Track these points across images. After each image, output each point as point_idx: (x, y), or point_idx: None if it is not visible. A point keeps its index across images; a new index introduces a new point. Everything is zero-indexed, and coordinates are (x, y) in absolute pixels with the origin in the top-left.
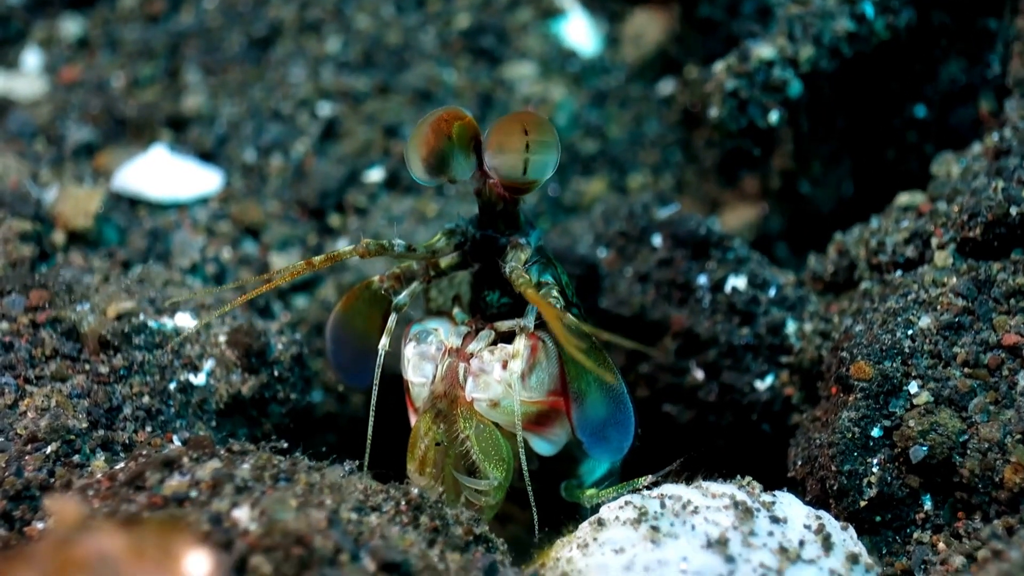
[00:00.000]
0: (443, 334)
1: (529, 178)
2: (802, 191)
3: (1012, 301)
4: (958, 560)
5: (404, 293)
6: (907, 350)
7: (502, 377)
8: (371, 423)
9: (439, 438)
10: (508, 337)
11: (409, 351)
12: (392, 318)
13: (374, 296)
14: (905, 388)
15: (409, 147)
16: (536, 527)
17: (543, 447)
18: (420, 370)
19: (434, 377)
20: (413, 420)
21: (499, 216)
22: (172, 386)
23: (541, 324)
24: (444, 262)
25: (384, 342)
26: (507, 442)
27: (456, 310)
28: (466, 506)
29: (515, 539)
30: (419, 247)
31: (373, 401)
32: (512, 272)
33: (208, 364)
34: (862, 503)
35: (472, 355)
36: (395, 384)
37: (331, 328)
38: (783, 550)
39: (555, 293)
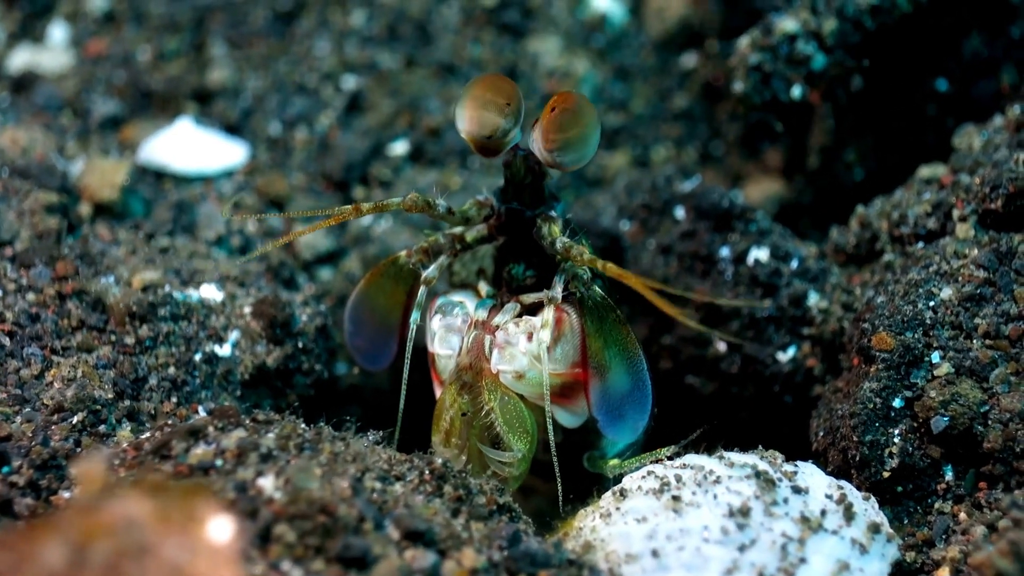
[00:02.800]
0: (469, 306)
1: (584, 161)
2: (837, 166)
3: None
4: (979, 530)
5: (432, 267)
6: (928, 321)
7: (527, 349)
8: (403, 396)
9: (465, 409)
10: (532, 310)
11: (435, 324)
12: (422, 292)
13: (399, 272)
14: (926, 359)
15: (462, 114)
16: (561, 500)
17: (567, 419)
18: (446, 342)
19: (460, 349)
20: (438, 392)
21: (525, 189)
22: (197, 357)
23: (565, 297)
24: (470, 236)
25: (415, 316)
26: (531, 414)
27: (481, 283)
28: (491, 477)
29: (538, 511)
30: (456, 211)
31: (405, 375)
32: (558, 244)
33: (233, 335)
34: (884, 473)
35: (498, 327)
36: (418, 359)
37: (352, 306)
38: (805, 520)
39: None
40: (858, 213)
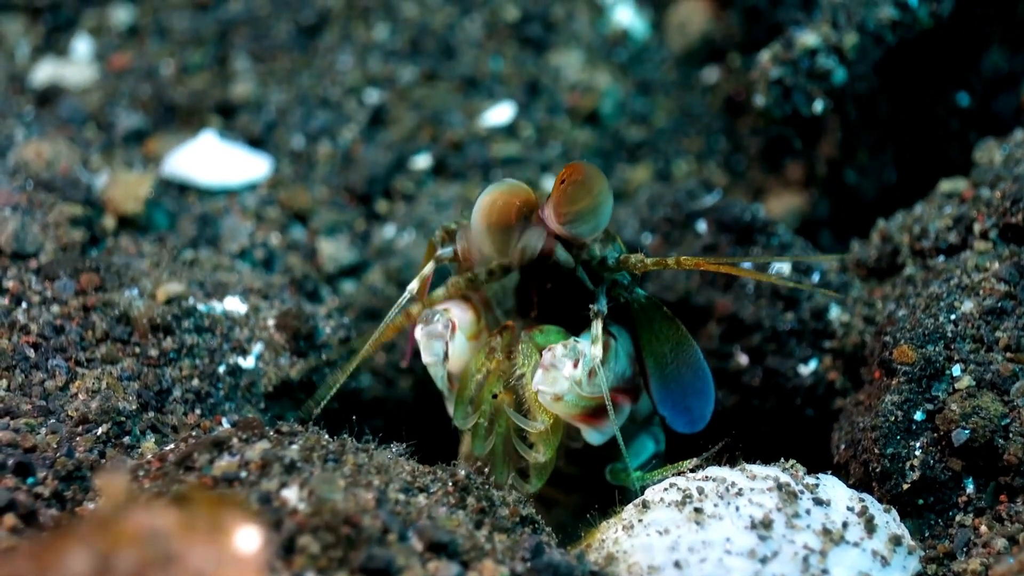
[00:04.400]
0: (453, 312)
1: (599, 231)
2: (848, 179)
3: None
4: (1000, 543)
5: (450, 248)
6: (950, 334)
7: (571, 375)
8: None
9: (495, 390)
10: (576, 330)
11: (418, 333)
12: (429, 266)
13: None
14: (948, 372)
15: (482, 235)
16: (630, 474)
17: (594, 436)
18: (431, 350)
19: (445, 355)
20: (449, 408)
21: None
22: (221, 369)
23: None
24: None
25: (413, 285)
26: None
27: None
28: (512, 466)
29: (560, 524)
30: (496, 269)
31: (392, 315)
32: (610, 260)
33: (257, 347)
34: (905, 486)
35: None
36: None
37: None
38: (826, 532)
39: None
40: (879, 227)
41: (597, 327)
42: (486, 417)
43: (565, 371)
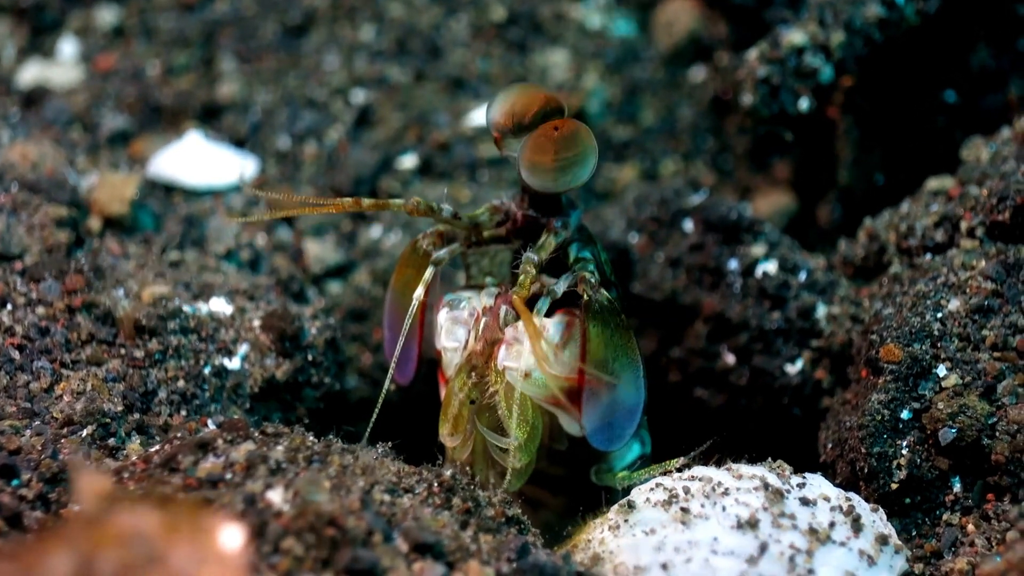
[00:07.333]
0: (476, 301)
1: (560, 189)
2: (867, 178)
3: None
4: (986, 542)
5: (444, 250)
6: (936, 333)
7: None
8: (389, 378)
9: (473, 396)
10: (548, 312)
11: (442, 317)
12: (429, 271)
13: (420, 261)
14: (934, 371)
15: (494, 102)
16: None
17: (573, 427)
18: (453, 334)
19: (467, 342)
20: (444, 394)
21: (541, 200)
22: (207, 370)
23: (575, 300)
24: (487, 232)
25: (419, 291)
26: (536, 410)
27: (488, 278)
28: (493, 467)
29: (546, 525)
30: (463, 216)
31: (397, 351)
32: (527, 253)
33: (242, 348)
34: (892, 485)
35: (514, 295)
36: (429, 371)
37: (387, 310)
38: (813, 531)
39: (591, 268)
40: (866, 225)
41: (544, 304)
42: (467, 432)
43: (528, 344)
